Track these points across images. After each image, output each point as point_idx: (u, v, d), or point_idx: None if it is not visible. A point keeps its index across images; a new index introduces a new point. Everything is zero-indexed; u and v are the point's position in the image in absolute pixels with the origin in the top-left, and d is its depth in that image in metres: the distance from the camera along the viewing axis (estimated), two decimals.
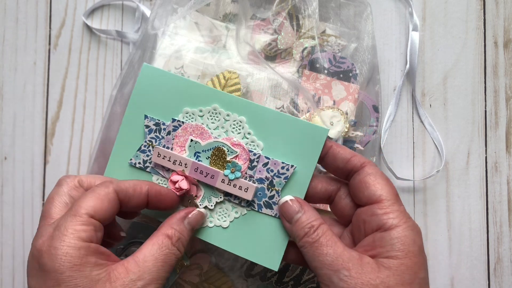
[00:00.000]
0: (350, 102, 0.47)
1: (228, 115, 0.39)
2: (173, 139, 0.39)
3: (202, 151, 0.39)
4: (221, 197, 0.39)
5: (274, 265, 0.38)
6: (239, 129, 0.38)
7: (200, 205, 0.39)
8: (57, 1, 0.52)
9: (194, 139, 0.39)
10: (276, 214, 0.38)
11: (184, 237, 0.36)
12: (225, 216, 0.39)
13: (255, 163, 0.38)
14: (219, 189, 0.38)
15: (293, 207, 0.36)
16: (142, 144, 0.40)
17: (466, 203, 0.51)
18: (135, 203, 0.36)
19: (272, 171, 0.38)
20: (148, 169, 0.40)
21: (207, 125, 0.39)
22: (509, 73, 0.52)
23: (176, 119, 0.39)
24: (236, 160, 0.38)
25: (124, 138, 0.40)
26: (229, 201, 0.39)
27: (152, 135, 0.39)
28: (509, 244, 0.51)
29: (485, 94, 0.52)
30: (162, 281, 0.34)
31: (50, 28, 0.52)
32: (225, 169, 0.38)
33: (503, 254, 0.51)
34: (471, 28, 0.52)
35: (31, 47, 0.52)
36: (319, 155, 0.37)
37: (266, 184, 0.38)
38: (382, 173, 0.37)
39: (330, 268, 0.33)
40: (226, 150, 0.38)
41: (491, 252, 0.51)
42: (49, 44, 0.52)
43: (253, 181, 0.38)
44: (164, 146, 0.39)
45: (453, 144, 0.52)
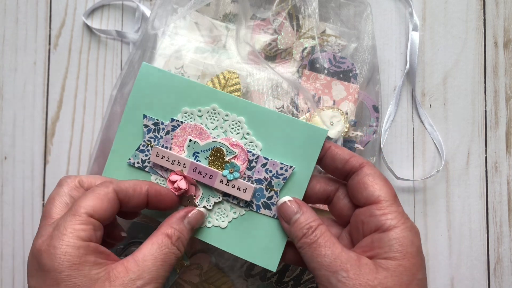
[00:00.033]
0: (350, 102, 0.47)
1: (227, 115, 0.38)
2: (172, 139, 0.39)
3: (201, 151, 0.39)
4: (219, 198, 0.39)
5: (273, 266, 0.38)
6: (238, 129, 0.38)
7: (199, 205, 0.39)
8: (57, 1, 0.52)
9: (192, 139, 0.39)
10: (275, 214, 0.38)
11: (183, 236, 0.36)
12: (223, 217, 0.39)
13: (253, 164, 0.38)
14: (217, 190, 0.38)
15: (292, 208, 0.36)
16: (140, 144, 0.39)
17: (466, 203, 0.51)
18: (135, 203, 0.36)
19: (270, 171, 0.38)
20: (146, 169, 0.39)
21: (206, 125, 0.39)
22: (509, 73, 0.52)
23: (175, 119, 0.39)
24: (235, 160, 0.38)
25: (123, 138, 0.40)
26: (227, 202, 0.39)
27: (151, 134, 0.39)
28: (509, 244, 0.51)
29: (485, 94, 0.52)
30: (162, 281, 0.34)
31: (50, 28, 0.52)
32: (224, 169, 0.38)
33: (503, 254, 0.51)
34: (471, 28, 0.52)
35: (31, 47, 0.52)
36: (318, 156, 0.37)
37: (264, 185, 0.38)
38: (380, 173, 0.36)
39: (328, 269, 0.33)
40: (225, 151, 0.38)
41: (491, 252, 0.51)
42: (49, 44, 0.52)
43: (252, 181, 0.38)
44: (162, 146, 0.39)
45: (453, 144, 0.52)
